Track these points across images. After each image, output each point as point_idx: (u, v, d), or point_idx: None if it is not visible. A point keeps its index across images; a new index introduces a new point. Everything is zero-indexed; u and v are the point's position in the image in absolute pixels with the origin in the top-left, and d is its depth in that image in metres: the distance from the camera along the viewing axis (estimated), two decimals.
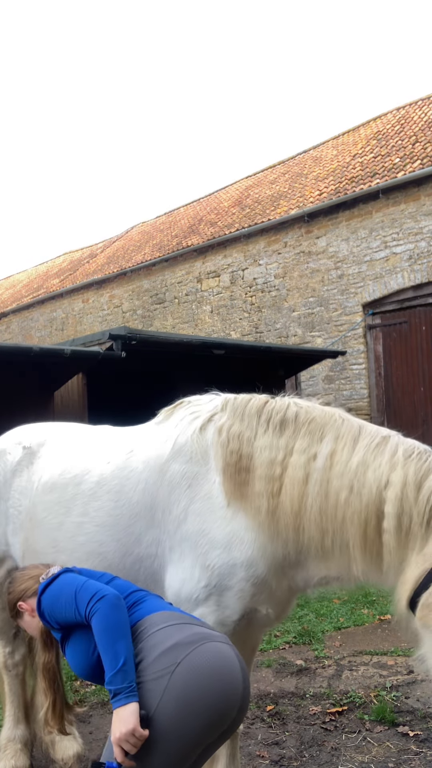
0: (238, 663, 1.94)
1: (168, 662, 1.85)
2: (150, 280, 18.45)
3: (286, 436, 2.52)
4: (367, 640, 5.34)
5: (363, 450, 2.40)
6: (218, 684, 1.83)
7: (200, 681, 1.81)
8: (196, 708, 1.80)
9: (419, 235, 12.45)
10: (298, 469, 2.43)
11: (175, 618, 2.01)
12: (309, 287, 14.35)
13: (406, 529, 2.26)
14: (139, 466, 2.74)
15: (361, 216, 13.43)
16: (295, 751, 3.60)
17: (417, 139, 14.37)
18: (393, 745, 3.61)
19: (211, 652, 1.85)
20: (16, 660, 3.54)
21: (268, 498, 2.45)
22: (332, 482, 2.38)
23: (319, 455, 2.43)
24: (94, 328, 19.55)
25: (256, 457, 2.52)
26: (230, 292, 16.11)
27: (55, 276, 25.03)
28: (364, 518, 2.31)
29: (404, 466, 2.31)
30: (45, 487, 2.96)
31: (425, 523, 2.23)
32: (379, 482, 2.31)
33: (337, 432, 2.47)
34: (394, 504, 2.26)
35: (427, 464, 2.32)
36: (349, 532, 2.33)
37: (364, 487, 2.32)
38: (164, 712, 1.80)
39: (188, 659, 1.83)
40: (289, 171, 18.75)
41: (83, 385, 9.08)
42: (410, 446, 2.41)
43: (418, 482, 2.27)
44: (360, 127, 18.47)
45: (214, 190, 22.56)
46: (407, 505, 2.25)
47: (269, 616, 2.58)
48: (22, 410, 7.64)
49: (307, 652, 5.10)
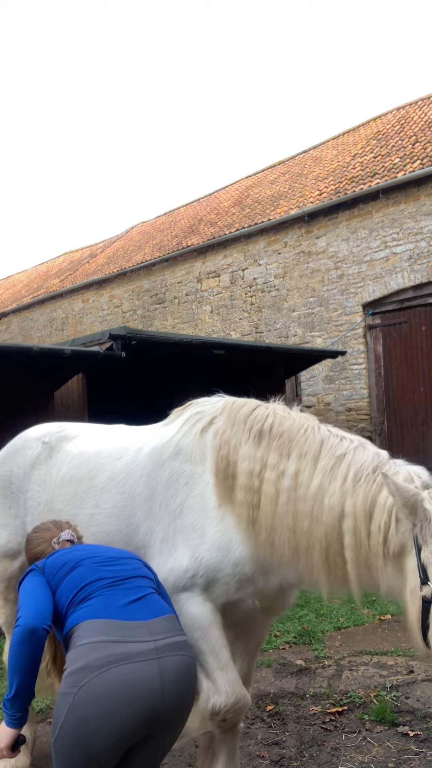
0: (147, 683, 2.03)
1: (74, 682, 1.99)
2: (150, 280, 18.45)
3: (262, 449, 2.62)
4: (367, 640, 5.34)
5: (320, 474, 2.47)
6: (115, 708, 1.95)
7: (97, 706, 1.94)
8: (93, 729, 1.95)
9: (419, 235, 12.45)
10: (271, 486, 2.54)
11: (102, 632, 2.09)
12: (309, 287, 14.35)
13: (365, 559, 2.36)
14: (144, 461, 2.90)
15: (361, 216, 13.43)
16: (295, 751, 3.60)
17: (417, 139, 14.37)
18: (393, 745, 3.61)
19: (113, 679, 1.97)
20: None
21: (248, 508, 2.56)
22: (298, 505, 2.48)
23: (286, 474, 2.53)
24: (94, 328, 19.55)
25: (239, 465, 2.63)
26: (230, 292, 16.11)
27: (55, 276, 25.03)
28: (325, 546, 2.42)
29: (353, 495, 2.39)
30: (63, 480, 3.12)
31: (382, 555, 2.32)
32: (335, 512, 2.40)
33: (301, 449, 2.55)
34: (351, 536, 2.37)
35: (375, 487, 2.38)
36: (314, 557, 2.44)
37: (322, 514, 2.43)
38: (66, 727, 1.97)
39: (90, 684, 1.96)
40: (289, 171, 18.75)
41: (83, 385, 9.08)
42: (360, 466, 2.45)
43: (368, 512, 2.35)
44: (360, 127, 18.47)
45: (214, 190, 22.56)
46: (361, 537, 2.35)
47: (255, 607, 2.67)
48: (22, 410, 7.65)
49: (307, 652, 5.10)
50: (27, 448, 3.41)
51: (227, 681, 2.54)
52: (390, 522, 2.31)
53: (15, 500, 3.38)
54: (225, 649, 2.60)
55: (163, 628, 2.20)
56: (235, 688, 2.55)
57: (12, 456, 3.46)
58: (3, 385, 7.69)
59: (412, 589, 2.25)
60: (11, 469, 3.41)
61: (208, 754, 3.00)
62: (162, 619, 2.23)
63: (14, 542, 3.40)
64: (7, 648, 3.57)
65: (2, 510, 3.43)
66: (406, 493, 2.24)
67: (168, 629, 2.21)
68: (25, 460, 3.37)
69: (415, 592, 2.24)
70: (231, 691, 2.53)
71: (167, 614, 2.28)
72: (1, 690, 4.56)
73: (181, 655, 2.18)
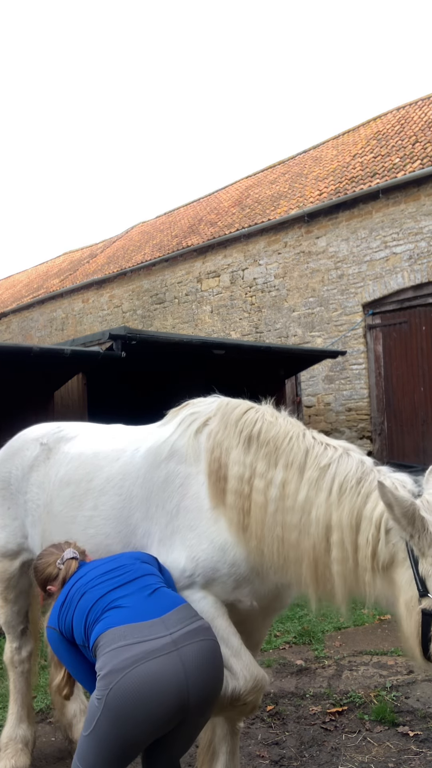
0: (172, 674, 2.15)
1: (103, 687, 2.13)
2: (150, 280, 18.44)
3: (251, 455, 2.63)
4: (367, 640, 5.34)
5: (306, 485, 2.47)
6: (146, 702, 2.09)
7: (129, 704, 2.09)
8: (128, 724, 2.10)
9: (419, 235, 12.44)
10: (260, 494, 2.55)
11: (120, 638, 2.20)
12: (309, 287, 14.35)
13: (352, 572, 2.35)
14: (140, 462, 2.90)
15: (361, 216, 13.43)
16: (295, 751, 3.60)
17: (417, 139, 14.37)
18: (393, 745, 3.61)
19: (139, 676, 2.10)
20: (23, 656, 3.54)
21: (239, 513, 2.57)
22: (286, 516, 2.48)
23: (273, 483, 2.53)
24: (94, 328, 19.55)
25: (230, 468, 2.64)
26: (230, 292, 16.11)
27: (55, 276, 25.02)
28: (314, 559, 2.42)
29: (339, 507, 2.38)
30: (62, 482, 3.12)
31: (371, 569, 2.30)
32: (321, 525, 2.40)
33: (287, 459, 2.55)
34: (338, 549, 2.36)
35: (360, 500, 2.37)
36: (302, 569, 2.45)
37: (310, 526, 2.43)
38: (101, 724, 2.12)
39: (118, 685, 2.10)
40: (289, 171, 18.74)
41: (83, 385, 9.08)
42: (345, 477, 2.43)
43: (354, 525, 2.34)
44: (360, 127, 18.46)
45: (214, 190, 22.55)
46: (348, 550, 2.34)
47: (254, 607, 2.68)
48: (22, 410, 7.64)
49: (307, 652, 5.10)
50: (25, 449, 3.41)
51: (243, 666, 2.57)
52: (378, 535, 2.28)
53: (14, 501, 3.38)
54: (235, 636, 2.62)
55: (177, 619, 2.28)
56: (252, 670, 2.58)
57: (10, 457, 3.46)
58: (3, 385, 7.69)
59: (408, 601, 2.21)
60: (10, 471, 3.41)
61: (207, 754, 3.00)
62: (175, 611, 2.31)
63: (13, 543, 3.40)
64: (6, 648, 3.58)
65: (1, 511, 3.43)
66: (404, 503, 2.18)
67: (182, 619, 2.29)
68: (24, 461, 3.36)
69: (411, 606, 2.19)
70: (248, 674, 2.56)
71: (180, 605, 2.36)
72: (1, 691, 4.56)
73: (199, 641, 2.26)
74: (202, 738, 3.04)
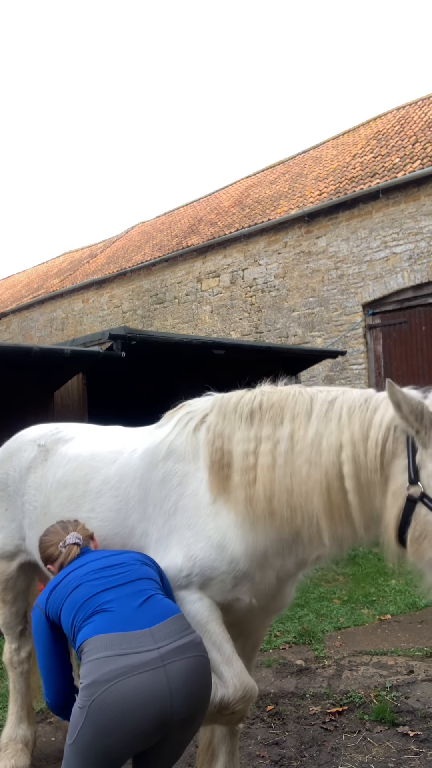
0: (156, 692, 2.11)
1: (86, 697, 2.11)
2: (150, 280, 18.44)
3: (255, 426, 2.63)
4: (367, 640, 5.34)
5: (315, 422, 2.49)
6: (128, 718, 2.07)
7: (110, 717, 2.07)
8: (109, 737, 2.08)
9: (419, 235, 12.44)
10: (267, 456, 2.54)
11: (106, 647, 2.17)
12: (309, 287, 14.35)
13: (365, 482, 2.35)
14: (136, 463, 2.89)
15: (361, 216, 13.43)
16: (295, 751, 3.60)
17: (417, 139, 14.37)
18: (393, 745, 3.61)
19: (122, 691, 2.07)
20: (22, 657, 3.53)
21: (245, 488, 2.56)
22: (295, 462, 2.48)
23: (282, 439, 2.54)
24: (94, 328, 19.55)
25: (234, 452, 2.64)
26: (230, 292, 16.11)
27: (55, 276, 25.03)
28: (326, 486, 2.40)
29: (350, 425, 2.41)
30: (59, 483, 3.11)
31: (380, 468, 2.32)
32: (333, 448, 2.41)
33: (293, 411, 2.57)
34: (350, 463, 2.36)
35: (369, 413, 2.41)
36: (314, 503, 2.43)
37: (321, 456, 2.43)
38: (83, 734, 2.10)
39: (101, 698, 2.08)
40: (289, 171, 18.74)
41: (83, 385, 9.07)
42: (352, 400, 2.49)
43: (364, 435, 2.37)
44: (360, 127, 18.47)
45: (214, 190, 22.55)
46: (360, 459, 2.35)
47: (253, 605, 2.66)
48: (22, 410, 7.64)
49: (307, 652, 5.10)
50: (23, 450, 3.40)
51: (234, 673, 2.54)
52: (387, 435, 2.33)
53: (12, 503, 3.37)
54: (227, 642, 2.60)
55: (167, 632, 2.22)
56: (242, 679, 2.56)
57: (8, 459, 3.45)
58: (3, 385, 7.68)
59: (396, 489, 2.28)
60: (7, 473, 3.40)
61: (207, 754, 3.00)
62: (166, 623, 2.25)
63: (11, 545, 3.40)
64: (5, 649, 3.58)
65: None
66: (413, 400, 2.27)
67: (173, 632, 2.23)
68: (21, 463, 3.35)
69: (398, 493, 2.27)
70: (238, 683, 2.54)
71: (172, 615, 2.30)
72: (1, 691, 4.56)
73: (187, 657, 2.20)
74: (202, 738, 3.04)
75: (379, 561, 7.84)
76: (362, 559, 7.96)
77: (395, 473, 2.31)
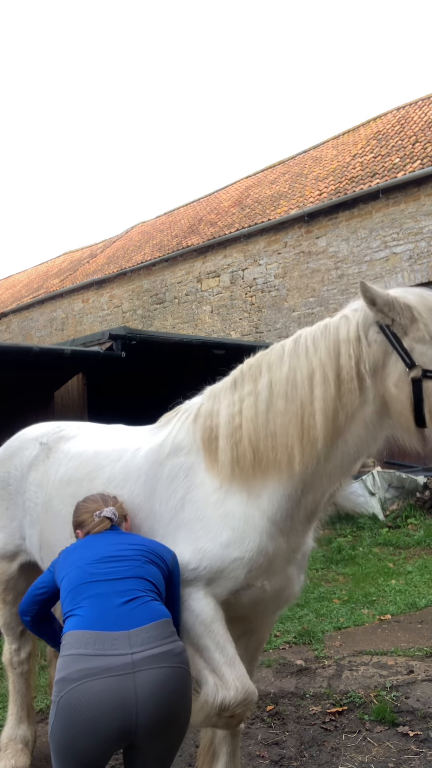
0: (120, 698, 2.07)
1: (57, 692, 2.12)
2: (150, 280, 18.44)
3: (238, 389, 2.71)
4: (367, 640, 5.34)
5: (288, 360, 2.58)
6: (89, 720, 2.06)
7: (75, 716, 2.07)
8: (74, 735, 2.07)
9: (419, 235, 12.44)
10: (250, 409, 2.61)
11: (81, 644, 2.16)
12: (309, 287, 14.35)
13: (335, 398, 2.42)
14: (141, 461, 2.90)
15: (361, 216, 13.43)
16: (295, 751, 3.60)
17: (417, 139, 14.37)
18: (393, 745, 3.61)
19: (86, 692, 2.06)
20: (22, 657, 3.53)
21: (232, 449, 2.60)
22: (276, 403, 2.55)
23: (261, 389, 2.60)
24: (94, 328, 19.55)
25: (220, 422, 2.69)
26: (230, 292, 16.11)
27: (55, 276, 25.03)
28: (300, 414, 2.47)
29: (316, 353, 2.49)
30: (62, 481, 3.09)
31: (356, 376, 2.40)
32: (305, 378, 2.49)
33: (269, 361, 2.65)
34: (320, 386, 2.44)
35: (332, 333, 2.49)
36: (289, 433, 2.49)
37: (296, 389, 2.50)
38: (55, 729, 2.11)
39: (67, 696, 2.08)
40: (289, 171, 18.74)
41: (83, 385, 9.08)
42: (313, 331, 2.59)
43: (334, 354, 2.45)
44: (360, 127, 18.47)
45: (214, 190, 22.55)
46: (332, 379, 2.43)
47: (264, 589, 2.62)
48: (22, 410, 7.65)
49: (307, 652, 5.10)
50: (24, 449, 3.39)
51: (236, 676, 2.51)
52: (360, 344, 2.40)
53: (13, 502, 3.36)
54: (230, 644, 2.57)
55: (146, 638, 2.16)
56: (243, 682, 2.52)
57: (9, 457, 3.44)
58: (3, 385, 7.69)
59: (397, 380, 2.35)
60: (8, 471, 3.39)
61: (208, 754, 2.99)
62: (147, 628, 2.19)
63: (11, 544, 3.39)
64: (5, 650, 3.58)
65: (0, 512, 3.43)
66: (384, 293, 2.35)
67: (152, 639, 2.17)
68: (23, 461, 3.35)
69: (401, 381, 2.34)
70: (240, 685, 2.50)
71: (157, 620, 2.24)
72: (1, 691, 4.56)
73: (162, 667, 2.14)
74: (203, 738, 3.04)
75: (379, 561, 7.83)
76: (362, 559, 7.96)
77: (389, 368, 2.38)
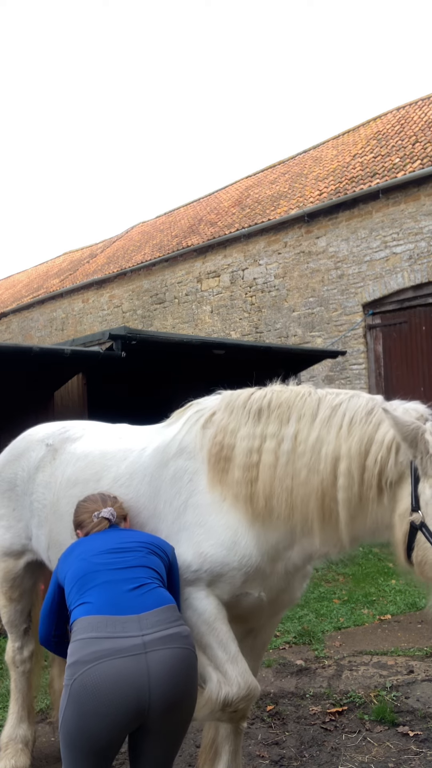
0: (134, 678, 2.12)
1: (69, 676, 2.15)
2: (150, 280, 18.44)
3: (262, 423, 2.65)
4: (367, 640, 5.35)
5: (319, 426, 2.52)
6: (104, 701, 2.09)
7: (88, 698, 2.09)
8: (88, 718, 2.09)
9: (419, 235, 12.44)
10: (270, 454, 2.57)
11: (93, 628, 2.21)
12: (309, 287, 14.35)
13: (356, 496, 2.40)
14: (147, 461, 2.91)
15: (361, 216, 13.43)
16: (295, 751, 3.60)
17: (417, 139, 14.37)
18: (393, 745, 3.62)
19: (100, 674, 2.10)
20: (25, 656, 3.54)
21: (246, 485, 2.58)
22: (296, 463, 2.52)
23: (285, 438, 2.57)
24: (94, 328, 19.54)
25: (236, 446, 2.66)
26: (230, 292, 16.11)
27: (55, 276, 25.02)
28: (321, 493, 2.45)
29: (348, 438, 2.44)
30: (69, 481, 3.12)
31: (376, 485, 2.37)
32: (330, 458, 2.45)
33: (299, 412, 2.59)
34: (344, 477, 2.41)
35: (371, 428, 2.43)
36: (310, 507, 2.47)
37: (320, 463, 2.47)
38: (67, 715, 2.13)
39: (81, 678, 2.11)
40: (289, 171, 18.74)
41: (83, 385, 9.07)
42: (355, 412, 2.50)
43: (363, 451, 2.40)
44: (360, 127, 18.46)
45: (214, 190, 22.55)
46: (355, 475, 2.39)
47: (261, 599, 2.67)
48: (22, 410, 7.64)
49: (307, 652, 5.10)
50: (31, 450, 3.41)
51: (238, 672, 2.56)
52: (389, 455, 2.36)
53: (20, 503, 3.38)
54: (233, 641, 2.61)
55: (155, 621, 2.23)
56: (246, 678, 2.57)
57: (16, 459, 3.46)
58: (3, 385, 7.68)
59: (402, 513, 2.34)
60: (15, 473, 3.41)
61: (210, 753, 3.00)
62: (156, 612, 2.26)
63: (18, 544, 3.41)
64: (8, 648, 3.59)
65: (7, 512, 3.44)
66: (405, 427, 2.28)
67: (161, 622, 2.24)
68: (30, 463, 3.37)
69: (404, 516, 2.33)
70: (243, 682, 2.55)
71: (164, 605, 2.31)
72: (1, 691, 4.56)
73: (171, 648, 2.20)
74: (205, 737, 3.04)
75: (379, 561, 7.84)
76: (362, 559, 7.97)
77: (402, 496, 2.35)
